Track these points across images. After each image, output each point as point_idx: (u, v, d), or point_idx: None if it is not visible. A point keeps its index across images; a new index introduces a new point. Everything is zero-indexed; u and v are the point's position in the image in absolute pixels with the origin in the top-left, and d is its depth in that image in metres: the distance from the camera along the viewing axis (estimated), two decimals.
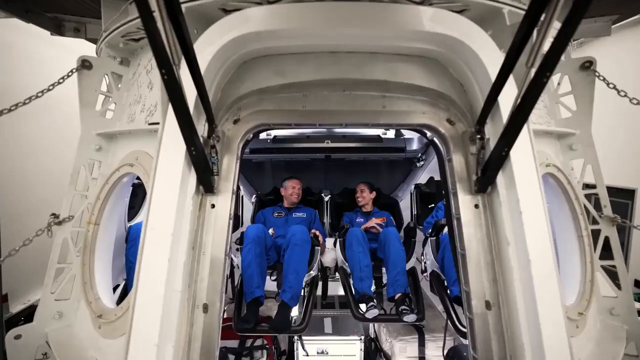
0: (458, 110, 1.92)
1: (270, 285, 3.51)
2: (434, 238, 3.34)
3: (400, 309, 2.97)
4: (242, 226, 4.11)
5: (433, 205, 4.17)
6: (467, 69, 1.79)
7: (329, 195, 4.58)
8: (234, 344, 3.64)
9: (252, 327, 3.03)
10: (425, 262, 3.65)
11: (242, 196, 4.19)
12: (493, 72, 1.64)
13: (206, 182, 1.76)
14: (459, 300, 2.98)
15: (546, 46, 1.22)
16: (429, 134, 2.29)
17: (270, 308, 3.94)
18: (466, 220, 1.83)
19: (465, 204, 1.85)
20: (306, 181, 4.50)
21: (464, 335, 2.80)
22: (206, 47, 1.68)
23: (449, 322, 2.91)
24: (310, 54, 1.85)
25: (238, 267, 3.48)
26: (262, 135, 4.25)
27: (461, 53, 1.76)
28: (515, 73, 1.51)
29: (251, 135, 2.15)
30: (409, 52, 1.85)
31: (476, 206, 1.84)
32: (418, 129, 2.18)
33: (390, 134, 4.37)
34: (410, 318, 2.93)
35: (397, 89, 1.91)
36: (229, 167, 1.90)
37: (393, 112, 1.92)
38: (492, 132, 1.73)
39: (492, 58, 1.68)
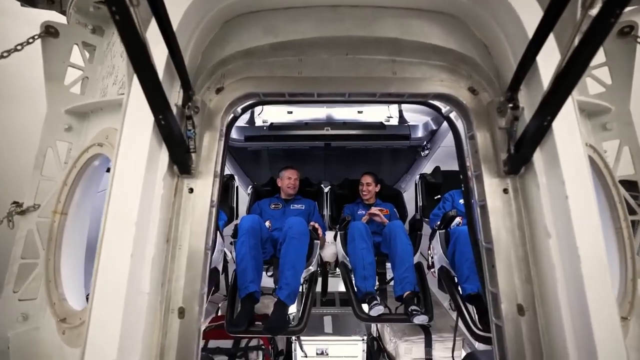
0: (482, 77, 1.58)
1: (268, 281, 3.21)
2: (443, 231, 3.02)
3: (410, 310, 2.66)
4: (236, 219, 3.79)
5: (439, 196, 3.85)
6: (495, 24, 1.45)
7: (329, 186, 4.26)
8: (227, 344, 3.34)
9: (245, 328, 2.72)
10: (432, 257, 3.33)
11: (237, 187, 3.86)
12: (530, 27, 1.31)
13: (181, 161, 1.42)
14: (472, 299, 2.67)
15: None
16: (444, 109, 1.96)
17: (267, 305, 3.64)
18: (493, 207, 1.50)
19: (492, 188, 1.51)
20: (305, 171, 4.18)
21: (479, 338, 2.48)
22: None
23: (462, 324, 2.59)
24: (306, 8, 1.50)
25: (234, 262, 3.17)
26: (258, 122, 3.93)
27: (488, 5, 1.42)
28: (557, 31, 1.19)
29: (240, 111, 1.82)
30: (424, 6, 1.51)
31: (505, 191, 1.51)
32: (431, 102, 1.85)
33: (394, 120, 4.05)
34: (421, 319, 2.62)
35: (409, 51, 1.57)
36: (210, 145, 1.56)
37: (405, 80, 1.58)
38: (528, 101, 1.40)
39: (529, 9, 1.34)
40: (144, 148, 1.28)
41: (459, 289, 2.81)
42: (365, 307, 2.92)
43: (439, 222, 3.12)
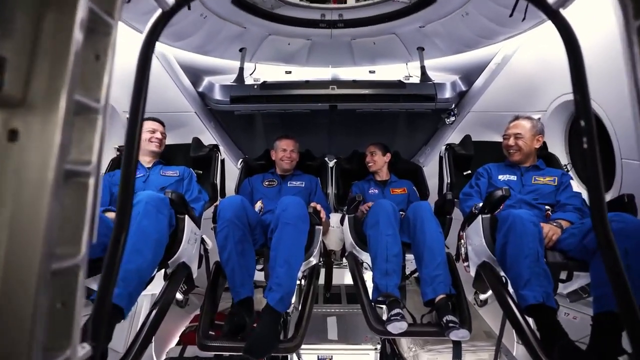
0: None
1: (259, 273, 2.41)
2: (488, 215, 2.13)
3: (445, 321, 1.84)
4: (222, 198, 2.95)
5: (470, 171, 2.94)
6: None
7: (335, 160, 3.37)
8: (208, 352, 2.55)
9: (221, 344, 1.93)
10: (464, 247, 2.46)
11: (223, 160, 3.00)
12: None
13: None
14: (532, 311, 1.81)
15: None
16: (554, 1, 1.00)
17: (259, 301, 2.85)
18: None
19: None
20: (306, 142, 3.27)
21: None
22: None
23: (522, 345, 1.73)
24: None
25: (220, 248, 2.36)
26: (249, 81, 3.02)
27: None
28: None
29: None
30: None
31: None
32: None
33: (415, 79, 3.10)
34: (461, 335, 1.81)
35: None
36: (63, 42, 0.67)
37: None
38: None
39: None
40: None
41: (509, 291, 1.95)
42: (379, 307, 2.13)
43: (480, 204, 2.22)
